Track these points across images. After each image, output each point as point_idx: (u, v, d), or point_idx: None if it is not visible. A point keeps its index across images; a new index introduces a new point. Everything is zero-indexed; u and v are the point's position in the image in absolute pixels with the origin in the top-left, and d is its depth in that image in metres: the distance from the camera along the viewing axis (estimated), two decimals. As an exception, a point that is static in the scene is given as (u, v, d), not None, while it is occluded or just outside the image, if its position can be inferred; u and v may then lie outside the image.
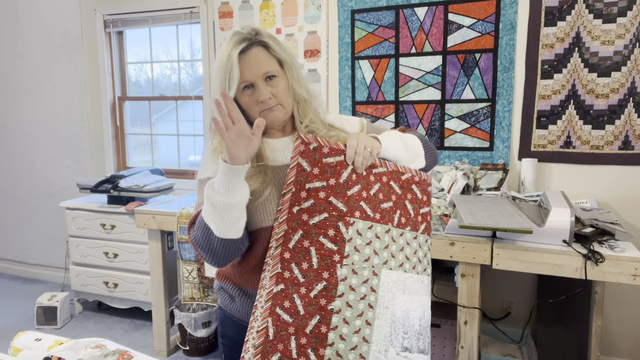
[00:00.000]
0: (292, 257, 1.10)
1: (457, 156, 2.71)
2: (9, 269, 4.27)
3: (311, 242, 1.11)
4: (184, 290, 2.60)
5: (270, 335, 1.08)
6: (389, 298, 1.15)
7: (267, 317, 1.09)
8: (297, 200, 1.12)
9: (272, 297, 1.09)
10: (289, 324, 1.09)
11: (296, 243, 1.11)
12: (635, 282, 1.77)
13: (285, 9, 3.00)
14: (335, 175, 1.12)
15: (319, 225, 1.11)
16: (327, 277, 1.10)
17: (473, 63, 2.62)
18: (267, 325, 1.09)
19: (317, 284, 1.10)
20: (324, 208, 1.11)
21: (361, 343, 1.11)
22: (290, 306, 1.09)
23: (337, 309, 1.10)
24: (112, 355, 1.36)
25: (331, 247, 1.11)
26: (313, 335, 1.09)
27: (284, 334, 1.09)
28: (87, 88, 3.70)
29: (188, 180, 3.49)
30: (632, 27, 2.32)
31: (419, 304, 1.22)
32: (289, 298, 1.09)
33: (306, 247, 1.11)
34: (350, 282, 1.11)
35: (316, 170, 1.12)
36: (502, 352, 2.41)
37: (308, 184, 1.12)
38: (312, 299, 1.10)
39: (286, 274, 1.10)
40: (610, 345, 2.56)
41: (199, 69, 3.54)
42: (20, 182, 4.08)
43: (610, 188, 2.44)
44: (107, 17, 3.54)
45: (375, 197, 1.16)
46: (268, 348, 1.08)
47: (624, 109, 2.38)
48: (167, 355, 2.82)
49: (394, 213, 1.19)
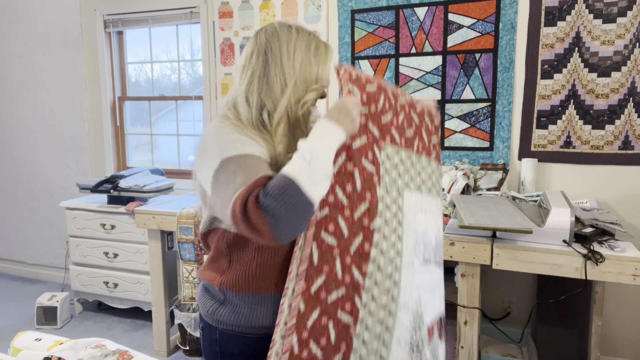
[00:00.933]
0: (335, 181, 1.11)
1: (457, 156, 2.71)
2: (9, 269, 4.28)
3: (354, 164, 1.14)
4: (184, 290, 2.60)
5: (315, 260, 1.08)
6: (410, 216, 1.26)
7: (311, 242, 1.08)
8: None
9: (315, 223, 1.09)
10: (334, 247, 1.11)
11: (339, 167, 1.11)
12: (635, 282, 1.77)
13: (285, 9, 3.00)
14: (374, 102, 1.18)
15: (360, 149, 1.15)
16: (369, 197, 1.16)
17: (473, 63, 2.62)
18: (311, 250, 1.08)
19: (361, 205, 1.14)
20: (364, 132, 1.16)
21: (395, 256, 1.21)
22: (335, 229, 1.11)
23: (377, 227, 1.17)
24: (112, 355, 1.36)
25: (371, 169, 1.17)
26: (357, 254, 1.13)
27: (329, 256, 1.10)
28: (87, 88, 3.70)
29: (188, 180, 3.49)
30: (632, 27, 2.32)
31: (435, 223, 1.35)
32: (334, 221, 1.11)
33: (350, 170, 1.13)
34: (385, 201, 1.19)
35: (364, 96, 1.16)
36: (502, 352, 2.41)
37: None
38: (355, 220, 1.13)
39: (330, 198, 1.10)
40: (610, 345, 2.56)
41: (199, 69, 3.54)
42: (21, 182, 4.08)
43: (610, 188, 2.44)
44: (107, 17, 3.55)
45: (402, 125, 1.27)
46: (312, 273, 1.08)
47: (624, 109, 2.38)
48: (167, 355, 2.82)
49: (414, 139, 1.31)
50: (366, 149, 1.16)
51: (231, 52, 3.18)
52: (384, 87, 1.23)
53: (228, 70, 3.21)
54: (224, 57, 3.21)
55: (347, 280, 1.12)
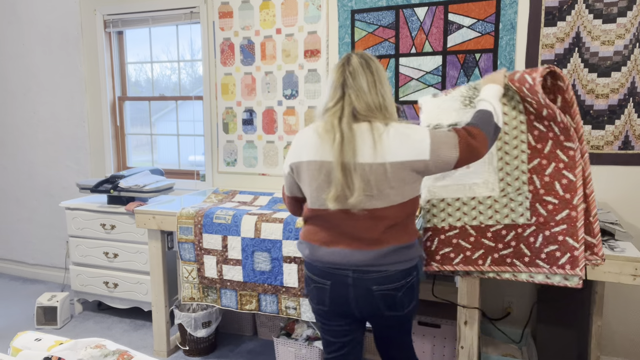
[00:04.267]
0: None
1: (457, 156, 2.71)
2: (9, 269, 4.28)
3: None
4: (184, 290, 2.61)
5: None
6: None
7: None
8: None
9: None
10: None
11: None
12: (635, 282, 1.77)
13: (285, 9, 3.00)
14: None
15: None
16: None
17: (473, 63, 2.62)
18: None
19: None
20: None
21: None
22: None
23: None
24: (112, 355, 1.36)
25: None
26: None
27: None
28: (87, 88, 3.71)
29: (188, 180, 3.49)
30: (632, 27, 2.32)
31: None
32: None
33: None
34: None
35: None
36: (502, 352, 2.41)
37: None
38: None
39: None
40: (610, 345, 2.56)
41: (199, 69, 3.54)
42: (21, 182, 4.08)
43: (610, 188, 2.45)
44: (107, 17, 3.55)
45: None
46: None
47: (624, 109, 2.38)
48: (167, 355, 2.82)
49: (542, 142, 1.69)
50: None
51: (231, 52, 3.18)
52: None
53: (228, 70, 3.21)
54: (224, 57, 3.21)
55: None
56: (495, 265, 1.65)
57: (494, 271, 1.66)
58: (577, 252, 1.45)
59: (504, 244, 1.62)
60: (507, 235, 1.63)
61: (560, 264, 1.49)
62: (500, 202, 1.64)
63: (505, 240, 1.62)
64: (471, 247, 1.69)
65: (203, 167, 3.46)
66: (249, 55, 3.14)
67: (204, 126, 3.36)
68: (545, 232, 1.52)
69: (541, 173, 1.58)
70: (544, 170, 1.58)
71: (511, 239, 1.62)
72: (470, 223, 1.70)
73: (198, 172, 3.48)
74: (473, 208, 1.70)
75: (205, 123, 3.35)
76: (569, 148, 1.54)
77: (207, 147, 3.37)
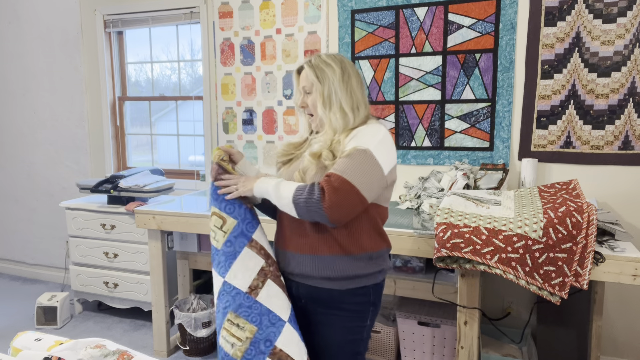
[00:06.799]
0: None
1: (457, 156, 2.71)
2: (9, 269, 4.28)
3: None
4: (184, 290, 2.61)
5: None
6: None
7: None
8: None
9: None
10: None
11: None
12: (635, 282, 1.77)
13: (285, 9, 3.00)
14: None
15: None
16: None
17: (473, 63, 2.62)
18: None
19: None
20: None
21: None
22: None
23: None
24: (112, 355, 1.36)
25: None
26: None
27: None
28: (87, 88, 3.70)
29: (188, 180, 3.49)
30: (632, 27, 2.32)
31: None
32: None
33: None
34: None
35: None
36: (502, 352, 2.41)
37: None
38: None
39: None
40: (610, 345, 2.56)
41: (199, 69, 3.54)
42: (21, 182, 4.08)
43: (610, 188, 2.44)
44: (107, 17, 3.55)
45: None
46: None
47: (624, 109, 2.38)
48: (167, 355, 2.82)
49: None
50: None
51: (231, 52, 3.18)
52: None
53: (228, 70, 3.21)
54: (224, 57, 3.21)
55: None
56: (501, 264, 1.79)
57: (500, 269, 1.79)
58: (567, 279, 1.72)
59: (513, 249, 1.77)
60: (517, 242, 1.78)
61: (552, 283, 1.74)
62: (515, 222, 1.83)
63: (514, 245, 1.77)
64: (482, 243, 1.82)
65: (203, 167, 3.46)
66: (249, 55, 3.14)
67: (204, 126, 3.36)
68: (550, 254, 1.74)
69: (555, 210, 1.80)
70: (557, 210, 1.80)
71: (520, 246, 1.77)
72: (485, 225, 1.86)
73: (198, 172, 3.48)
74: (489, 218, 1.91)
75: (205, 123, 3.35)
76: (578, 201, 1.82)
77: (207, 147, 3.37)
